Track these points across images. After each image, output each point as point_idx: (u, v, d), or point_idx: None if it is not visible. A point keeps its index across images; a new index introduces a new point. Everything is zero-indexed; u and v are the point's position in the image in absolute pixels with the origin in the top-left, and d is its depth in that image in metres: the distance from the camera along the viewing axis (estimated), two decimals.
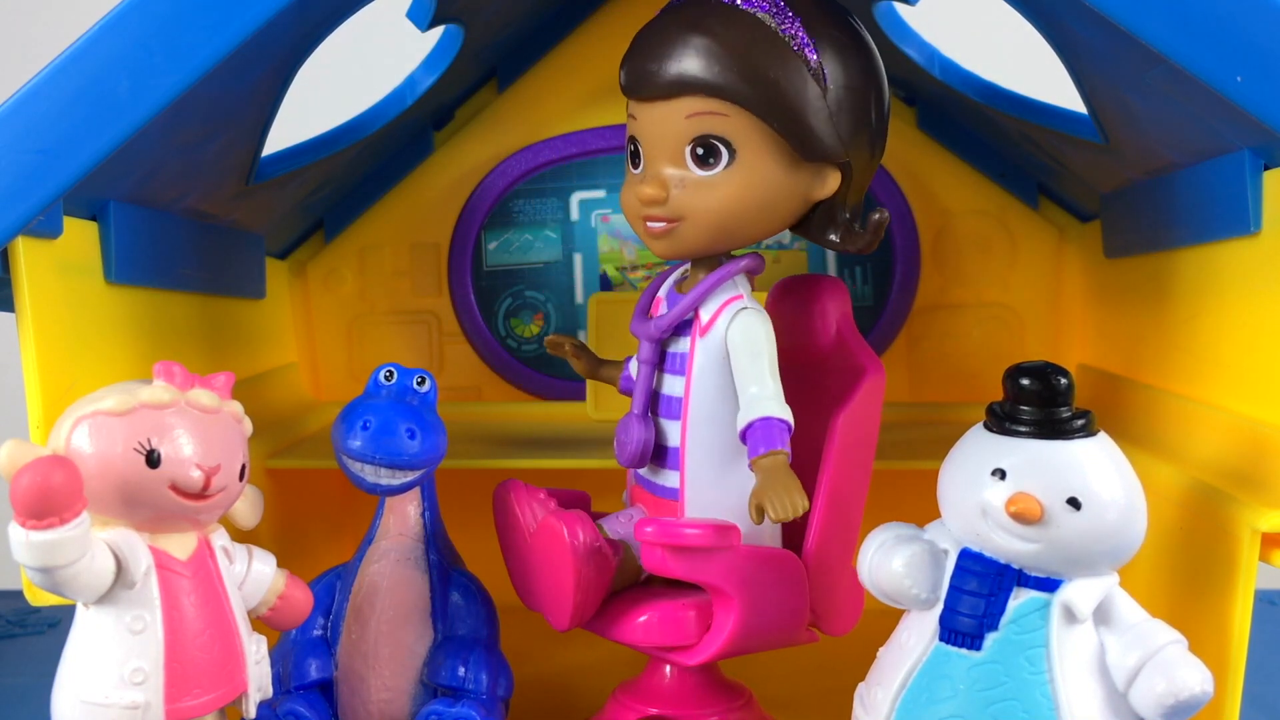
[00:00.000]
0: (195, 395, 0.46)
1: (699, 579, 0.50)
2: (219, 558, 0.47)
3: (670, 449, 0.53)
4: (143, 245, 0.55)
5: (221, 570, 0.47)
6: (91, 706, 0.43)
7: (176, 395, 0.45)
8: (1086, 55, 0.54)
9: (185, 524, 0.46)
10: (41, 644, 0.86)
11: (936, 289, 0.79)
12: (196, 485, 0.44)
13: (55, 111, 0.46)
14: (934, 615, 0.46)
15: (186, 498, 0.44)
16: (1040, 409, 0.45)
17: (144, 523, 0.45)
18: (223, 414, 0.47)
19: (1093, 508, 0.43)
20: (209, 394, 0.46)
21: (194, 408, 0.45)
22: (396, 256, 0.81)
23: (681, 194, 0.50)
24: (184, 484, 0.44)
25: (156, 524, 0.45)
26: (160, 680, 0.43)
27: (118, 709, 0.43)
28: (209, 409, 0.46)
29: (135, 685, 0.43)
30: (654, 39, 0.50)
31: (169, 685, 0.43)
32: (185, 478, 0.44)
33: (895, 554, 0.47)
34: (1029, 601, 0.44)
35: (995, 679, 0.44)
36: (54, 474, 0.40)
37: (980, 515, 0.45)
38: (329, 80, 0.77)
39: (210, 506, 0.46)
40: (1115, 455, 0.45)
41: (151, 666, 0.43)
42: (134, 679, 0.43)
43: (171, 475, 0.44)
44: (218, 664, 0.45)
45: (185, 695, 0.44)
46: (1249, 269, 0.51)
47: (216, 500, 0.46)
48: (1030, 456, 0.44)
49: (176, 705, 0.44)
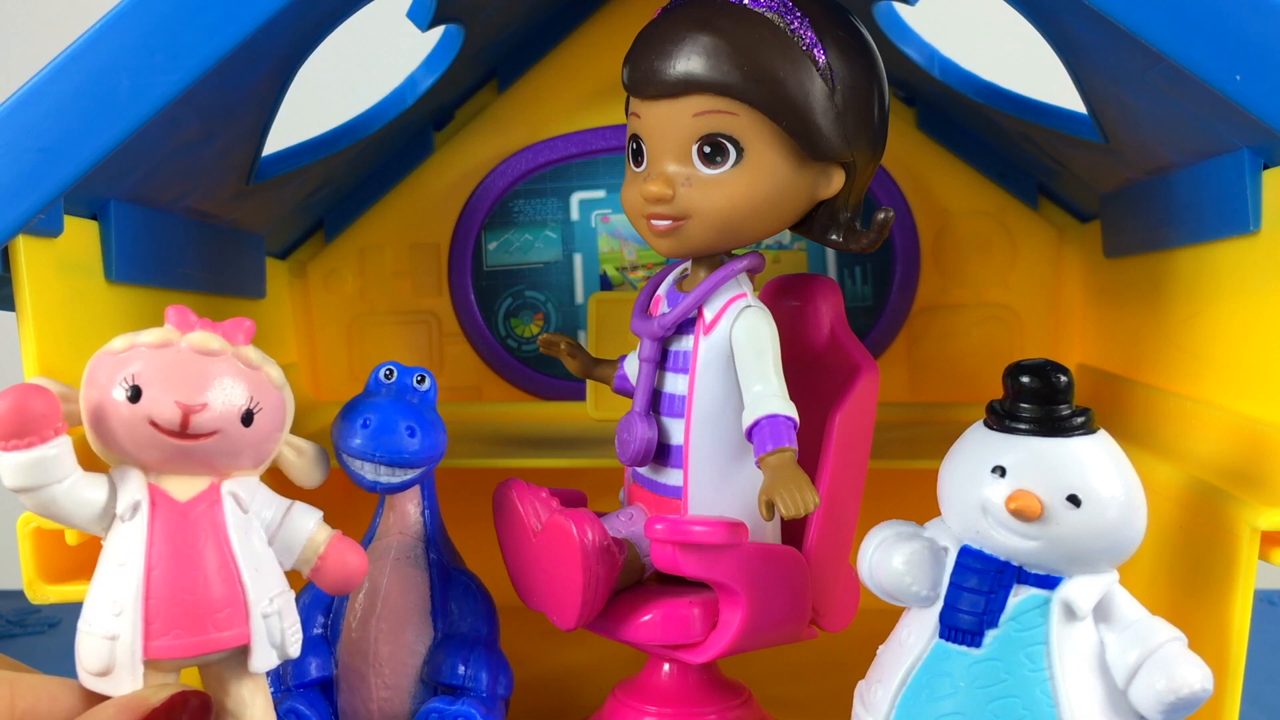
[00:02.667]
0: (195, 337, 0.46)
1: (709, 576, 0.50)
2: (226, 503, 0.46)
3: (673, 447, 0.53)
4: (143, 244, 0.55)
5: (227, 516, 0.46)
6: (81, 634, 0.44)
7: (175, 336, 0.46)
8: (1086, 55, 0.54)
9: (192, 466, 0.46)
10: (42, 644, 0.86)
11: (936, 289, 0.79)
12: (173, 422, 0.44)
13: (56, 111, 0.46)
14: (934, 613, 0.46)
15: (170, 435, 0.44)
16: (1040, 406, 0.45)
17: (151, 463, 0.45)
18: (225, 356, 0.46)
19: (1092, 505, 0.43)
20: (213, 337, 0.46)
21: (194, 349, 0.45)
22: (397, 256, 0.81)
23: (688, 192, 0.50)
24: (162, 420, 0.44)
25: (162, 465, 0.45)
26: (138, 615, 0.44)
27: (97, 637, 0.44)
28: (210, 351, 0.46)
29: (114, 616, 0.44)
30: (660, 37, 0.50)
31: (147, 621, 0.44)
32: (163, 414, 0.44)
33: (896, 551, 0.47)
34: (1029, 599, 0.44)
35: (995, 676, 0.44)
36: (31, 398, 0.42)
37: (980, 512, 0.45)
38: (329, 80, 0.77)
39: (208, 448, 0.45)
40: (1115, 453, 0.45)
41: (130, 600, 0.44)
42: (112, 610, 0.44)
43: (149, 411, 0.44)
44: (207, 609, 0.45)
45: (164, 634, 0.44)
46: (1248, 268, 0.51)
47: (213, 443, 0.45)
48: (1030, 454, 0.44)
49: (155, 643, 0.44)
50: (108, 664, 0.43)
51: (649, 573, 0.54)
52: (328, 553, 0.49)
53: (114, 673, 0.43)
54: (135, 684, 0.43)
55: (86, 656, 0.44)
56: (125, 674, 0.43)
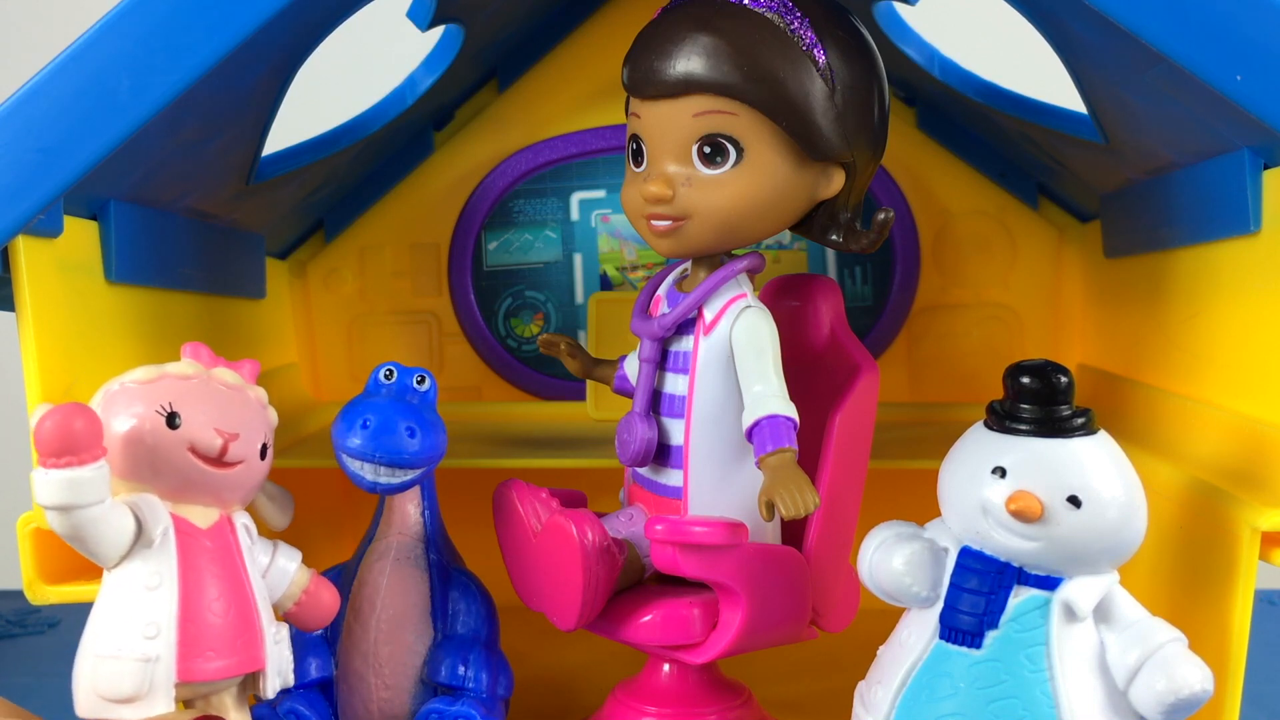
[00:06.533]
0: (219, 373, 0.48)
1: (708, 577, 0.49)
2: (240, 534, 0.48)
3: (673, 447, 0.53)
4: (143, 245, 0.55)
5: (242, 545, 0.48)
6: (106, 660, 0.44)
7: (201, 370, 0.48)
8: (1086, 55, 0.54)
9: (208, 496, 0.47)
10: (41, 644, 0.86)
11: (936, 289, 0.79)
12: (214, 448, 0.46)
13: (56, 110, 0.47)
14: (934, 613, 0.46)
15: (206, 462, 0.46)
16: (1041, 407, 0.45)
17: (168, 491, 0.46)
18: (245, 393, 0.49)
19: (1093, 506, 0.43)
20: (232, 374, 0.49)
21: (217, 383, 0.48)
22: (397, 256, 0.81)
23: (688, 192, 0.50)
24: (203, 446, 0.46)
25: (179, 493, 0.46)
26: (173, 636, 0.44)
27: (130, 661, 0.43)
28: (232, 385, 0.48)
29: (148, 639, 0.44)
30: (661, 37, 0.50)
31: (181, 642, 0.44)
32: (204, 440, 0.46)
33: (896, 552, 0.47)
34: (1029, 599, 0.44)
35: (995, 677, 0.44)
36: (75, 417, 0.42)
37: (981, 513, 0.45)
38: (329, 80, 0.77)
39: (230, 479, 0.47)
40: (1115, 453, 0.45)
41: (166, 621, 0.44)
42: (147, 632, 0.44)
43: (190, 437, 0.45)
44: (233, 632, 0.46)
45: (198, 656, 0.44)
46: (1248, 268, 0.51)
47: (237, 473, 0.47)
48: (1031, 454, 0.44)
49: (189, 664, 0.44)
50: (140, 688, 0.43)
51: (649, 573, 0.54)
52: (311, 589, 0.51)
53: (148, 696, 0.43)
54: (169, 707, 0.44)
55: (113, 683, 0.43)
56: (161, 696, 0.44)
